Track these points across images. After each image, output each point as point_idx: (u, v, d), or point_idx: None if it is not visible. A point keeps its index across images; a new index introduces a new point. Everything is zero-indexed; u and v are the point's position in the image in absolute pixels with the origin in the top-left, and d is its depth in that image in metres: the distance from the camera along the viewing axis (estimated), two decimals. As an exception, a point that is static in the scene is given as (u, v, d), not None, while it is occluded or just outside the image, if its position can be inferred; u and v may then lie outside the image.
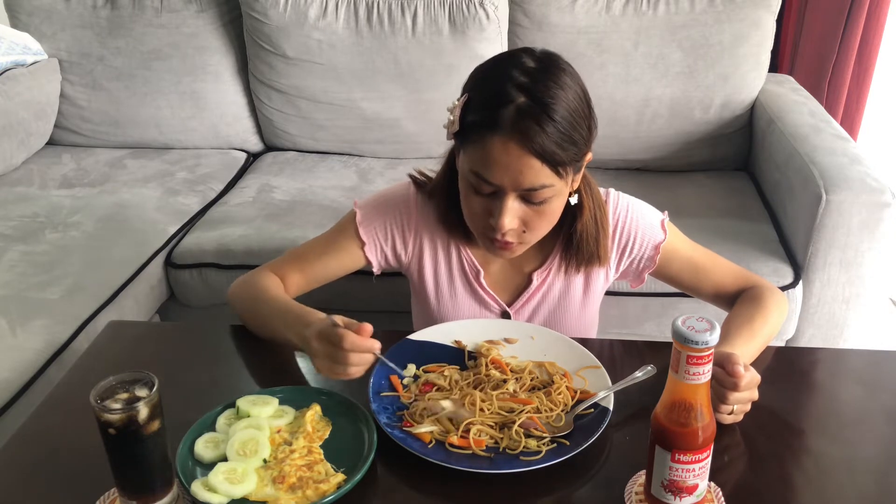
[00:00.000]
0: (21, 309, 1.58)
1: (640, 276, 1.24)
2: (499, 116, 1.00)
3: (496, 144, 1.00)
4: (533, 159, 1.00)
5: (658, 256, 1.20)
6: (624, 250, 1.21)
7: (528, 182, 1.02)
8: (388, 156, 2.37)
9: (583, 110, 1.04)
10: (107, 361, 1.15)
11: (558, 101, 1.00)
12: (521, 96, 1.00)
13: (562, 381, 1.04)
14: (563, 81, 1.02)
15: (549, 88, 1.00)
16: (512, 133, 0.99)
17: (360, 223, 1.22)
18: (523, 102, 0.99)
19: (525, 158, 1.00)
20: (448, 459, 0.91)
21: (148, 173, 2.25)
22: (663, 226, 1.21)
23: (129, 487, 0.85)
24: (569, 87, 1.02)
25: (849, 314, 1.81)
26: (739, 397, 0.96)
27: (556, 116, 1.00)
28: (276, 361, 1.15)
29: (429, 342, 1.13)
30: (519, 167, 1.01)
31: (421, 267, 1.24)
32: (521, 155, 1.00)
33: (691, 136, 2.22)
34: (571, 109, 1.01)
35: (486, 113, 1.01)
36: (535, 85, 1.00)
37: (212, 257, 1.88)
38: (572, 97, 1.02)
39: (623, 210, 1.20)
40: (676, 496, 0.83)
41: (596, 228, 1.17)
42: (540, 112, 0.99)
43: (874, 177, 1.71)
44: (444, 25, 2.19)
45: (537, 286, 1.23)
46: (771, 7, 2.14)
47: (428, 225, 1.22)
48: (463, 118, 1.05)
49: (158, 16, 2.32)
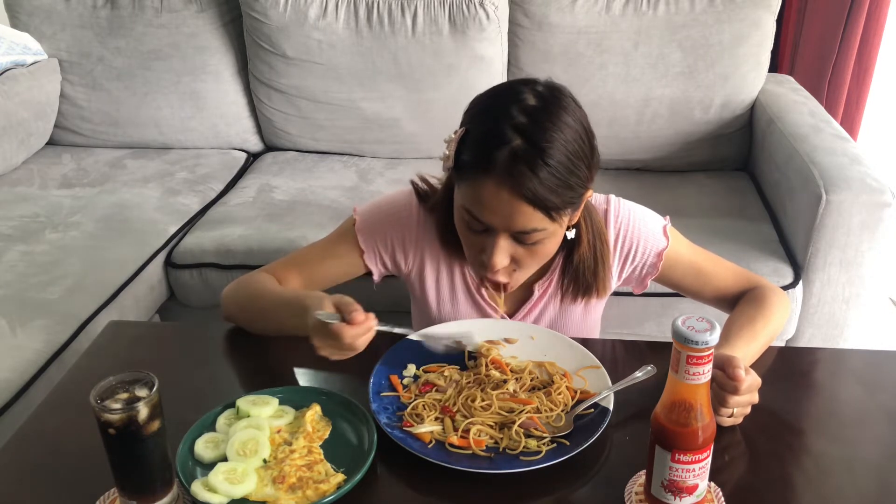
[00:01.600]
0: (21, 309, 1.58)
1: (642, 283, 1.24)
2: (493, 159, 0.97)
3: (488, 187, 0.99)
4: (524, 205, 0.98)
5: (661, 263, 1.19)
6: (626, 258, 1.20)
7: (520, 225, 1.01)
8: (388, 156, 2.37)
9: (583, 151, 1.01)
10: (107, 361, 1.15)
11: (555, 144, 0.97)
12: (517, 138, 0.97)
13: (562, 381, 1.04)
14: (563, 121, 0.99)
15: (547, 130, 0.97)
16: (504, 177, 0.97)
17: (360, 231, 1.20)
18: (518, 146, 0.97)
19: (516, 204, 0.98)
20: (448, 459, 0.91)
21: (148, 173, 2.25)
22: (665, 232, 1.19)
23: (129, 487, 0.85)
24: (568, 128, 0.99)
25: (849, 314, 1.81)
26: (740, 401, 0.96)
27: (552, 161, 0.97)
28: (276, 361, 1.15)
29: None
30: (510, 211, 0.99)
31: (422, 278, 1.23)
32: (513, 200, 0.98)
33: (691, 136, 2.22)
34: (570, 152, 0.98)
35: (481, 153, 0.99)
36: (532, 126, 0.97)
37: (212, 257, 1.88)
38: (571, 138, 0.99)
39: (625, 218, 1.18)
40: (676, 496, 0.83)
41: (594, 261, 1.15)
42: (535, 157, 0.96)
43: (874, 177, 1.71)
44: (444, 25, 2.19)
45: (538, 297, 1.22)
46: (771, 7, 2.14)
47: (429, 237, 1.20)
48: (458, 154, 1.02)
49: (158, 16, 2.32)
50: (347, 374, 1.12)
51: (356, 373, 1.07)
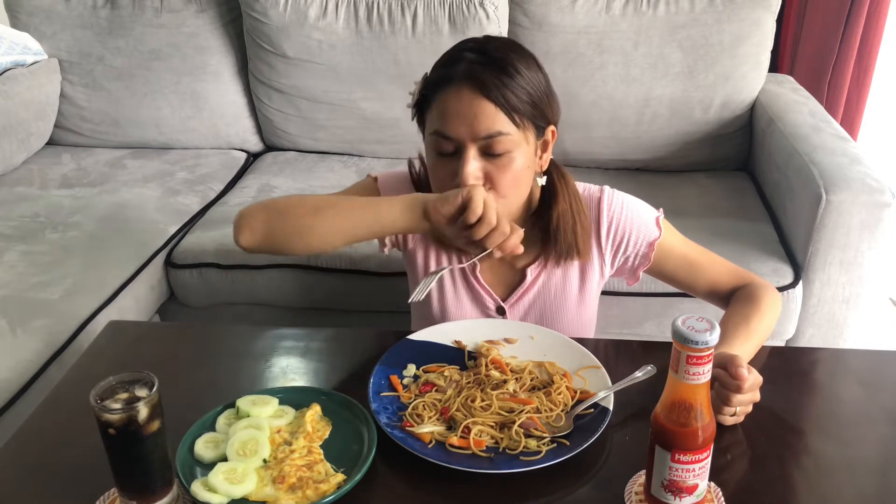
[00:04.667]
0: (21, 309, 1.58)
1: (635, 274, 1.25)
2: (452, 71, 1.06)
3: (450, 95, 1.06)
4: (486, 102, 1.04)
5: (653, 253, 1.21)
6: (618, 247, 1.21)
7: (485, 128, 1.05)
8: (388, 156, 2.37)
9: (539, 79, 1.09)
10: (107, 361, 1.15)
11: (510, 58, 1.06)
12: (471, 54, 1.07)
13: (562, 381, 1.04)
14: (517, 51, 1.08)
15: (501, 49, 1.07)
16: (464, 81, 1.05)
17: (383, 188, 1.24)
18: (473, 56, 1.06)
19: (478, 102, 1.04)
20: (448, 459, 0.91)
21: (148, 173, 2.25)
22: (658, 223, 1.21)
23: (129, 487, 0.85)
24: (523, 58, 1.08)
25: (849, 314, 1.81)
26: (742, 399, 0.96)
27: (509, 69, 1.05)
28: (276, 361, 1.15)
29: (429, 342, 1.13)
30: (474, 112, 1.05)
31: (423, 255, 1.25)
32: (474, 99, 1.05)
33: (691, 136, 2.22)
34: (525, 67, 1.07)
35: (441, 74, 1.08)
36: (486, 45, 1.08)
37: (212, 257, 1.88)
38: (523, 65, 1.07)
39: (618, 207, 1.20)
40: (676, 496, 0.83)
41: (573, 218, 1.17)
42: (492, 63, 1.05)
43: (874, 177, 1.71)
44: (444, 25, 2.19)
45: (532, 281, 1.23)
46: (771, 7, 2.14)
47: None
48: (422, 92, 1.11)
49: (158, 16, 2.32)
50: (347, 374, 1.12)
51: (356, 373, 1.08)
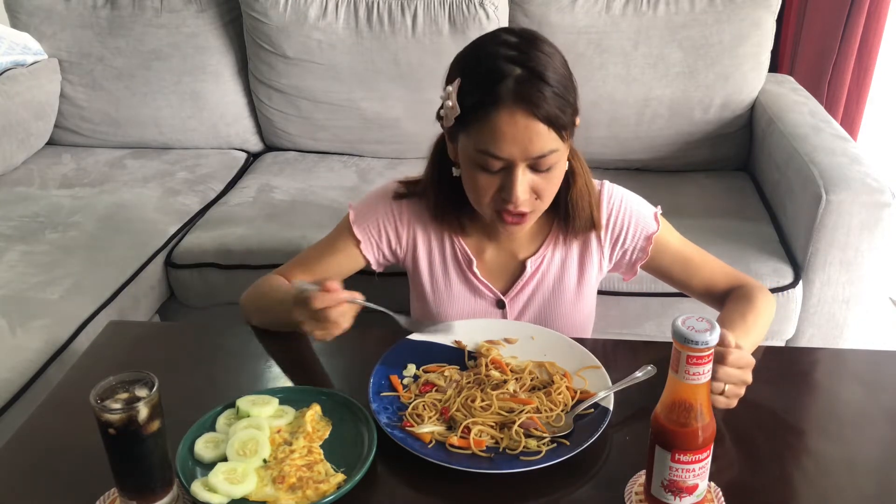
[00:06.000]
0: (21, 309, 1.58)
1: (632, 268, 1.25)
2: (499, 90, 1.02)
3: (502, 117, 1.02)
4: (540, 125, 1.02)
5: (650, 247, 1.22)
6: (617, 240, 1.22)
7: (538, 149, 1.04)
8: (388, 156, 2.37)
9: (569, 74, 1.08)
10: (107, 361, 1.15)
11: (549, 67, 1.03)
12: (515, 69, 1.02)
13: (562, 381, 1.04)
14: (547, 50, 1.06)
15: (539, 57, 1.04)
16: (516, 103, 1.01)
17: (354, 223, 1.24)
18: (519, 74, 1.02)
19: (532, 125, 1.02)
20: (448, 459, 0.91)
21: (148, 173, 2.25)
22: (656, 217, 1.23)
23: (129, 487, 0.85)
24: (553, 55, 1.06)
25: (849, 314, 1.81)
26: (730, 372, 0.94)
27: (552, 81, 1.03)
28: (276, 361, 1.15)
29: (429, 342, 1.13)
30: (528, 136, 1.03)
31: (416, 259, 1.26)
32: (529, 123, 1.02)
33: (691, 136, 2.22)
34: (561, 74, 1.05)
35: (486, 91, 1.03)
36: (524, 56, 1.03)
37: (212, 257, 1.88)
38: (558, 64, 1.06)
39: (617, 201, 1.22)
40: (676, 496, 0.83)
41: (588, 192, 1.18)
42: (537, 79, 1.02)
43: (874, 177, 1.71)
44: (444, 25, 2.19)
45: (531, 274, 1.23)
46: (771, 7, 2.14)
47: (420, 217, 1.24)
48: (460, 103, 1.06)
49: (158, 16, 2.32)
50: (347, 374, 1.12)
51: (356, 373, 1.08)
